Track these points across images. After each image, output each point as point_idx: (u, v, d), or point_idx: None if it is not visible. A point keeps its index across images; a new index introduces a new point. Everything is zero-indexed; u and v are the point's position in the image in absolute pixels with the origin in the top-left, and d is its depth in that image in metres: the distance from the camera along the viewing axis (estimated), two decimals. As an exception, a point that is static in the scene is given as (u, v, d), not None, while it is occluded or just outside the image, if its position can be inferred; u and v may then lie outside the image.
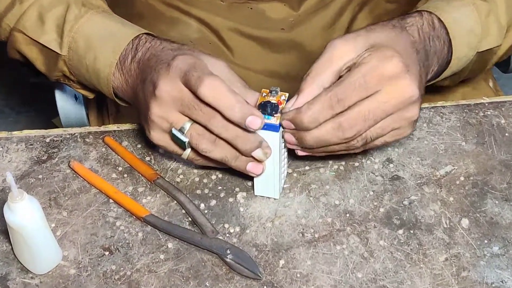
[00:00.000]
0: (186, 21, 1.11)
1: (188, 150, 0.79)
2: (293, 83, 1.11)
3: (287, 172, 0.84)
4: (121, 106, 1.00)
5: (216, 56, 0.82)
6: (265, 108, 0.75)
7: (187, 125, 0.77)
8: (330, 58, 0.78)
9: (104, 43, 0.88)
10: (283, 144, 0.79)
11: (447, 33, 0.85)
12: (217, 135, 0.76)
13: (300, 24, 1.11)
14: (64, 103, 1.09)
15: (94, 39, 0.89)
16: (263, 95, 0.77)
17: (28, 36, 0.93)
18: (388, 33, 0.80)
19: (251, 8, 1.10)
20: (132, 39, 0.86)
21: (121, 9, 1.06)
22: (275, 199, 0.82)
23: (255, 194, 0.83)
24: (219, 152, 0.78)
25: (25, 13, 0.93)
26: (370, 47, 0.77)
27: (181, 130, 0.77)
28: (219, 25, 1.11)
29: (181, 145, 0.78)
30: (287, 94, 0.77)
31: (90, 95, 0.98)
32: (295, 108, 0.76)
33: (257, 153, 0.76)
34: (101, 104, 1.17)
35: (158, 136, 0.80)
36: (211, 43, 1.11)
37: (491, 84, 1.12)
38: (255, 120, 0.74)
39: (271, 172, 0.79)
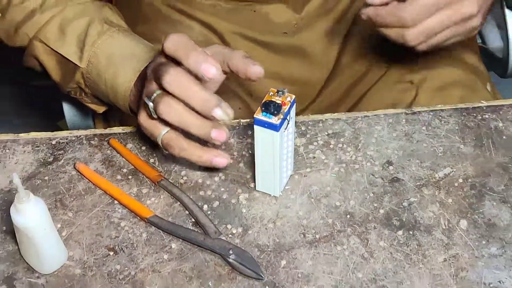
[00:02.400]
0: (190, 24, 1.11)
1: (163, 132, 0.80)
2: (295, 86, 1.11)
3: (290, 174, 0.85)
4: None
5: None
6: (268, 107, 0.75)
7: (157, 92, 0.79)
8: None
9: (125, 61, 0.91)
10: (286, 144, 0.79)
11: None
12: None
13: (302, 28, 1.11)
14: (70, 106, 1.09)
15: (115, 56, 0.91)
16: (270, 94, 0.77)
17: (48, 46, 0.95)
18: None
19: (254, 11, 1.10)
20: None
21: (127, 12, 1.06)
22: (276, 199, 0.82)
23: (256, 188, 0.83)
24: (184, 120, 0.78)
25: (47, 23, 0.95)
26: None
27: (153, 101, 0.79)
28: (222, 29, 1.11)
29: (151, 114, 0.79)
30: (293, 96, 0.77)
31: (100, 110, 1.00)
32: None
33: (216, 112, 0.76)
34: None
35: (142, 118, 0.82)
36: None
37: (489, 87, 1.12)
38: (209, 67, 0.75)
39: (271, 170, 0.80)
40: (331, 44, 1.14)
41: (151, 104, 0.78)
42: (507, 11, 1.13)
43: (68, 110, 1.12)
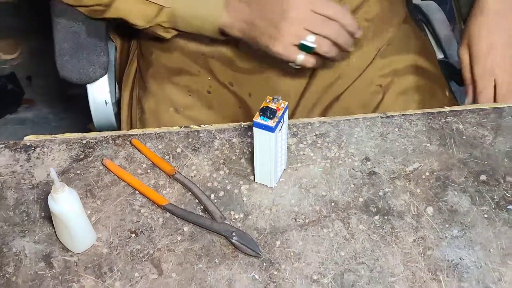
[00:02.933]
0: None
1: (302, 56, 0.95)
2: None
3: (283, 168, 0.84)
4: (145, 111, 1.00)
5: None
6: (265, 112, 0.75)
7: (312, 37, 0.93)
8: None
9: None
10: (280, 143, 0.79)
11: None
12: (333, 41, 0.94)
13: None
14: (96, 108, 1.08)
15: None
16: (267, 101, 0.76)
17: None
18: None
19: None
20: None
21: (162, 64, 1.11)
22: (272, 190, 0.82)
23: (255, 180, 0.83)
24: (333, 51, 0.96)
25: None
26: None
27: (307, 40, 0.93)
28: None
29: (308, 51, 0.94)
30: (286, 103, 0.77)
31: (169, 36, 1.02)
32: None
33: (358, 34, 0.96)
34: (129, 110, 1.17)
35: (282, 48, 0.94)
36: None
37: (447, 93, 1.12)
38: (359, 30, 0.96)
39: (268, 164, 0.79)
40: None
41: (314, 45, 0.94)
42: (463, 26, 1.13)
43: (94, 111, 1.11)
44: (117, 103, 1.15)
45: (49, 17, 1.02)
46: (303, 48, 0.94)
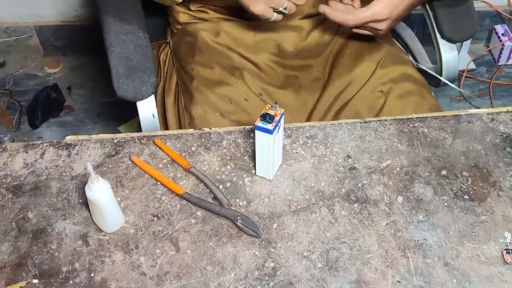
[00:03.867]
0: (232, 55, 1.11)
1: (276, 14, 0.97)
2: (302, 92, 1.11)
3: (280, 164, 0.84)
4: (194, 117, 1.00)
5: None
6: (265, 117, 0.75)
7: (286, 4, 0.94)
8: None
9: None
10: (277, 143, 0.79)
11: None
12: None
13: (308, 52, 1.13)
14: (145, 121, 1.06)
15: None
16: (266, 109, 0.76)
17: None
18: None
19: (274, 40, 1.11)
20: None
21: (187, 46, 1.11)
22: (270, 182, 0.82)
23: (256, 174, 0.83)
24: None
25: None
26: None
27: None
28: (256, 58, 1.12)
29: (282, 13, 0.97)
30: (282, 110, 0.76)
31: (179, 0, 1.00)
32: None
33: None
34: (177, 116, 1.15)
35: (260, 10, 0.95)
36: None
37: (432, 94, 1.12)
38: None
39: (267, 160, 0.79)
40: (326, 62, 1.14)
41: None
42: (440, 40, 1.13)
43: (145, 127, 1.08)
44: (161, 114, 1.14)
45: (87, 38, 1.01)
46: (278, 12, 0.98)
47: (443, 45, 1.14)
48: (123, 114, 1.79)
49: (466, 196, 0.80)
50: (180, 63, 1.15)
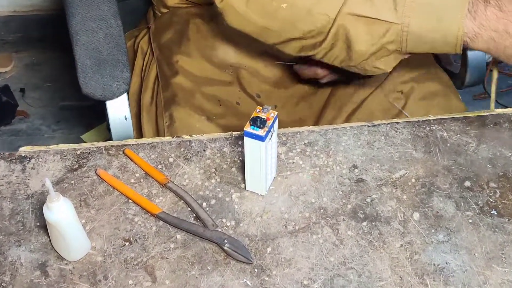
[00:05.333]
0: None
1: None
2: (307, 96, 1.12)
3: (274, 177, 0.84)
4: (175, 119, 0.99)
5: None
6: (255, 121, 0.75)
7: None
8: None
9: (445, 2, 0.83)
10: (270, 151, 0.79)
11: None
12: None
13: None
14: (116, 124, 1.06)
15: (433, 2, 0.83)
16: (257, 111, 0.76)
17: (359, 16, 0.86)
18: None
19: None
20: None
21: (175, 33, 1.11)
22: (263, 197, 0.82)
23: (246, 188, 0.83)
24: None
25: None
26: None
27: None
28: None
29: None
30: (276, 113, 0.76)
31: (389, 68, 0.92)
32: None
33: None
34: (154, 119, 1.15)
35: None
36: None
37: (459, 97, 1.13)
38: None
39: (258, 173, 0.79)
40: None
41: None
42: None
43: (115, 131, 1.07)
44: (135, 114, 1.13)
45: (44, 31, 1.01)
46: None
47: None
48: (87, 119, 1.79)
49: (494, 211, 0.81)
50: (161, 52, 1.13)
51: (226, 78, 1.07)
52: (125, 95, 1.02)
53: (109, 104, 1.02)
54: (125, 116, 1.04)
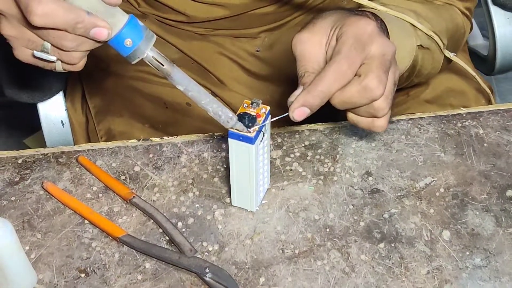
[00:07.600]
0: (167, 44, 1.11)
1: (59, 62, 0.75)
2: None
3: (267, 188, 0.85)
4: (113, 132, 0.99)
5: None
6: (243, 119, 0.75)
7: (48, 45, 0.73)
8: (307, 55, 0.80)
9: None
10: (262, 156, 0.79)
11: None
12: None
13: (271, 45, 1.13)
14: (50, 131, 1.05)
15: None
16: (244, 106, 0.76)
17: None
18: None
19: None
20: None
21: None
22: (253, 214, 0.82)
23: (232, 204, 0.83)
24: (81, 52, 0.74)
25: None
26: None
27: (43, 51, 0.73)
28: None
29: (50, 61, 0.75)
30: (268, 108, 0.77)
31: None
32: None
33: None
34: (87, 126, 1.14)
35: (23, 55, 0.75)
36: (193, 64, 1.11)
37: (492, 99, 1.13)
38: (101, 31, 0.71)
39: (247, 184, 0.80)
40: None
41: (53, 58, 0.74)
42: (492, 8, 1.14)
43: (49, 138, 1.07)
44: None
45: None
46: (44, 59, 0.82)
47: (496, 14, 1.16)
48: (30, 120, 1.78)
49: (543, 227, 0.81)
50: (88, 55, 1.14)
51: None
52: (60, 94, 1.01)
53: (41, 106, 1.01)
54: (62, 121, 1.03)
